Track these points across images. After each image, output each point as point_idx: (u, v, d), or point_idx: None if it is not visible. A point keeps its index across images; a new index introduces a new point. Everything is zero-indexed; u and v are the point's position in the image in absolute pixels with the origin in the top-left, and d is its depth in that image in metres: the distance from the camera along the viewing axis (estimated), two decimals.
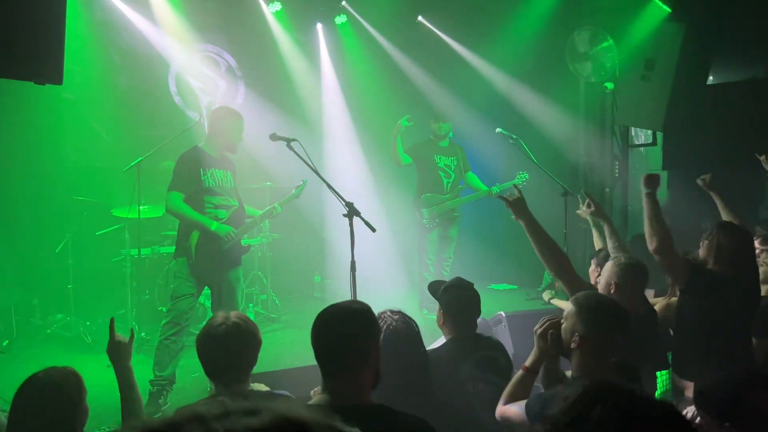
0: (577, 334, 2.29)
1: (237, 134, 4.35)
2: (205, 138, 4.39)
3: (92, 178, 6.16)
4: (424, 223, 6.20)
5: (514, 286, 7.42)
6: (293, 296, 7.03)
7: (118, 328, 2.55)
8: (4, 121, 5.86)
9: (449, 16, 7.44)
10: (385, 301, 3.11)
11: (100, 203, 5.76)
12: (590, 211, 3.76)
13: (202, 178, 4.21)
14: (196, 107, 6.87)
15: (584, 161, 7.68)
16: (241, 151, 4.58)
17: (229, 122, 4.33)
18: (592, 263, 3.82)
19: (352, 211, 3.51)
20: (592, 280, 3.61)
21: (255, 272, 6.30)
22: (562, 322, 2.39)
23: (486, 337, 3.03)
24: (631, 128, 7.38)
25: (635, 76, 6.22)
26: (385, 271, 6.77)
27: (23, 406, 2.17)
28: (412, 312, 2.67)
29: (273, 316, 6.22)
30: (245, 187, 5.20)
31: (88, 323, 5.58)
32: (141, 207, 5.09)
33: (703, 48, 5.89)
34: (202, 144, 4.35)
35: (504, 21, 7.13)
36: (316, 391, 2.29)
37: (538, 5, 6.99)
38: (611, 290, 3.01)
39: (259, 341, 2.35)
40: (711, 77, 6.23)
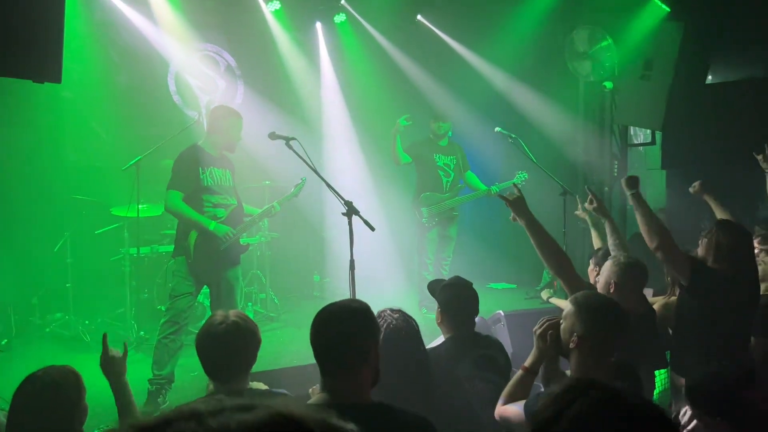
0: (576, 334, 2.29)
1: (236, 133, 4.35)
2: (204, 136, 4.39)
3: (91, 177, 6.16)
4: (423, 222, 6.19)
5: (513, 285, 7.42)
6: (292, 295, 7.01)
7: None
8: (3, 119, 5.86)
9: (448, 15, 7.44)
10: (384, 300, 3.10)
11: (99, 202, 5.76)
12: (592, 207, 3.74)
13: (201, 177, 4.21)
14: (196, 106, 6.86)
15: (583, 160, 7.68)
16: (240, 149, 4.58)
17: (229, 121, 4.33)
18: (591, 263, 3.81)
19: (351, 210, 3.50)
20: (590, 279, 3.60)
21: (254, 271, 6.30)
22: (561, 322, 2.39)
23: (485, 336, 3.03)
24: (630, 127, 7.37)
25: (634, 75, 6.22)
26: (384, 270, 6.77)
27: (22, 406, 2.16)
28: (412, 311, 2.66)
29: (272, 314, 6.22)
30: (244, 186, 5.20)
31: (87, 322, 5.55)
32: (140, 206, 5.10)
33: (702, 47, 5.89)
34: (201, 142, 4.35)
35: (503, 20, 7.12)
36: (315, 390, 2.29)
37: (537, 4, 6.98)
38: (610, 289, 3.00)
39: (258, 340, 2.35)
40: (710, 76, 6.21)
